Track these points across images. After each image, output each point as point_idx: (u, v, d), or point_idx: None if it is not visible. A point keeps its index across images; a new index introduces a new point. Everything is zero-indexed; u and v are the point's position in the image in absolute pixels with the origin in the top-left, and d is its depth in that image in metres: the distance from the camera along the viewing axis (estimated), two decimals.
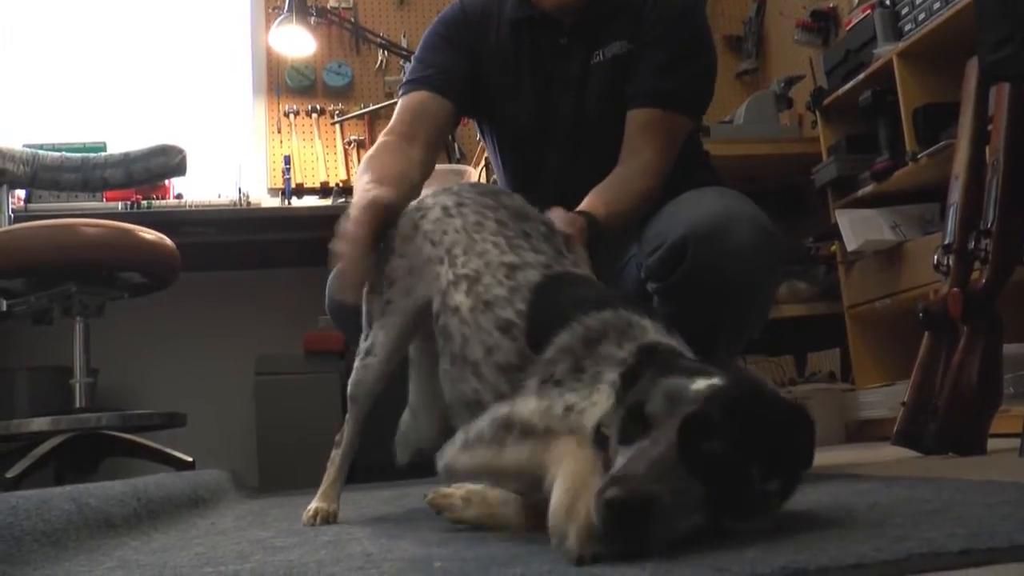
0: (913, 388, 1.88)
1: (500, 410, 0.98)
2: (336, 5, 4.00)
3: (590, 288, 1.15)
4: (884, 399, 2.71)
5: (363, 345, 1.36)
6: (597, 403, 0.94)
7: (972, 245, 1.78)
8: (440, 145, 1.77)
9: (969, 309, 1.76)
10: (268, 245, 3.48)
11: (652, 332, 1.01)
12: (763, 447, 0.78)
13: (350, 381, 1.38)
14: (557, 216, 1.36)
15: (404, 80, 1.75)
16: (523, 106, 1.69)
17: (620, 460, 0.78)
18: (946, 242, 1.85)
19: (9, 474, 2.37)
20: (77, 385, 2.62)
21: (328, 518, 1.35)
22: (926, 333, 1.88)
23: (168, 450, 2.72)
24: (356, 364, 1.36)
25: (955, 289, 1.78)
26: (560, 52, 1.68)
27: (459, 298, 1.17)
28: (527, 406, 0.97)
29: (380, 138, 1.67)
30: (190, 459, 2.71)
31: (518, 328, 1.10)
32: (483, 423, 0.97)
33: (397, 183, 1.45)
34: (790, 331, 3.00)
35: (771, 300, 1.51)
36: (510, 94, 1.70)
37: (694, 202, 1.42)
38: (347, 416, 1.41)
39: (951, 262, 1.82)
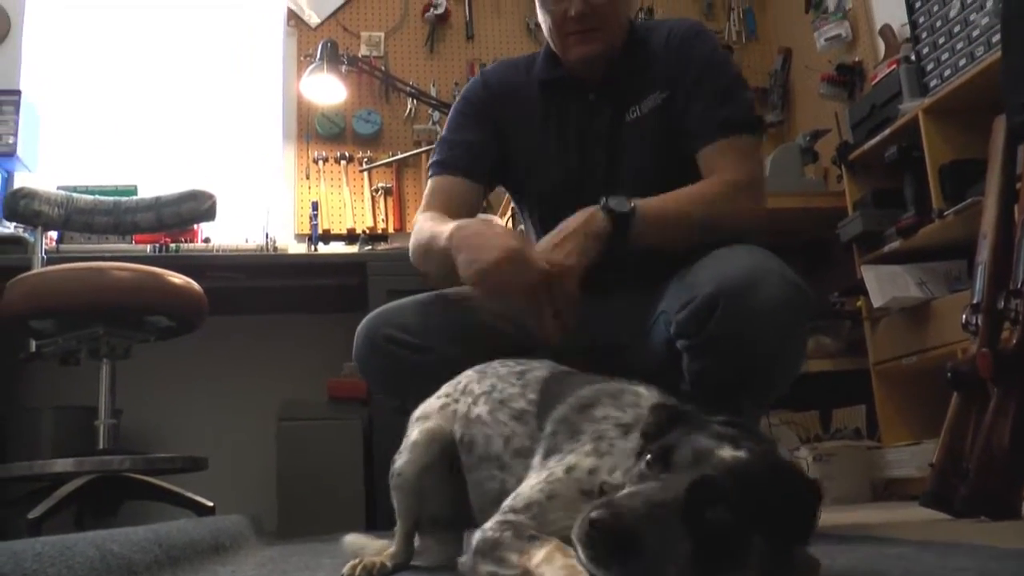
0: (942, 449, 1.85)
1: (503, 509, 1.00)
2: (367, 53, 4.07)
3: (592, 376, 1.21)
4: (911, 458, 2.66)
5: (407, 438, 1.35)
6: (604, 463, 0.96)
7: (1001, 305, 1.77)
8: None
9: (1000, 370, 1.73)
10: (294, 290, 3.50)
11: (647, 397, 1.06)
12: (767, 523, 0.79)
13: (391, 472, 1.34)
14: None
15: (433, 159, 1.79)
16: (554, 167, 1.71)
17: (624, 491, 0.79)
18: (974, 301, 1.83)
19: (31, 515, 2.37)
20: (101, 426, 2.63)
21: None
22: (955, 393, 1.86)
23: (189, 494, 2.72)
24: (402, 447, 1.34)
25: (984, 349, 1.76)
26: (588, 110, 1.70)
27: (479, 409, 1.24)
28: (529, 483, 1.01)
29: (423, 213, 1.71)
30: (210, 504, 2.71)
31: (529, 413, 1.17)
32: (484, 530, 0.98)
33: None
34: (815, 386, 2.96)
35: (801, 357, 1.48)
36: (540, 156, 1.72)
37: (724, 259, 1.42)
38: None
39: (980, 321, 1.81)
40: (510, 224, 3.19)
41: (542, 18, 1.71)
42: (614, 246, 1.46)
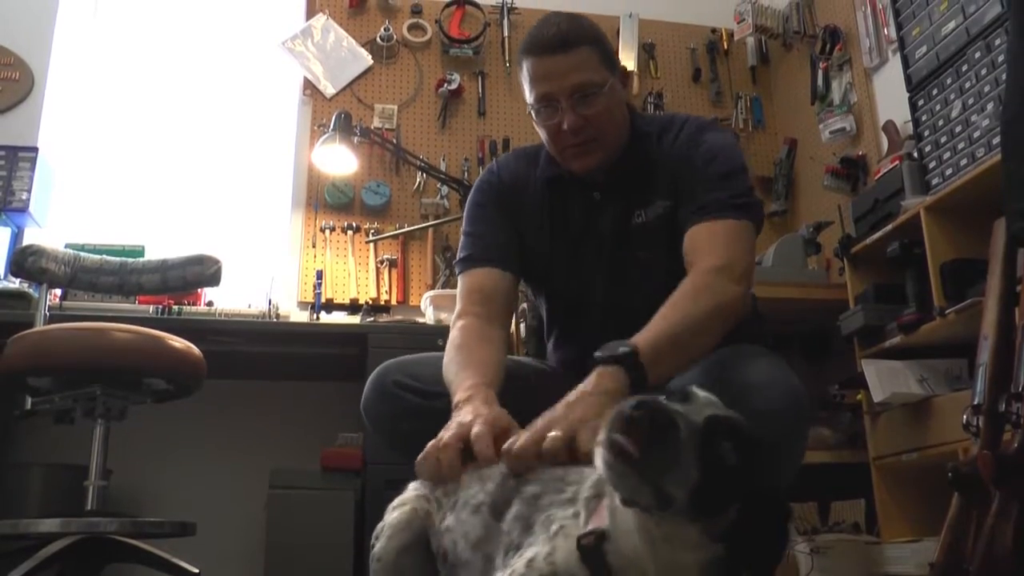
0: (943, 549, 1.82)
1: None
2: (380, 125, 4.13)
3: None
4: (911, 555, 2.62)
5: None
6: (558, 548, 0.98)
7: (1003, 407, 1.76)
8: (511, 317, 1.76)
9: (1001, 473, 1.71)
10: (293, 358, 3.49)
11: (589, 472, 1.05)
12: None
13: (370, 557, 1.31)
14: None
15: (461, 256, 1.74)
16: (562, 263, 1.72)
17: None
18: (975, 402, 1.83)
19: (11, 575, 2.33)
20: (91, 487, 2.59)
21: None
22: (956, 493, 1.84)
23: (175, 560, 2.67)
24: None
25: (985, 452, 1.75)
26: (594, 208, 1.70)
27: (449, 520, 1.22)
28: None
29: (459, 320, 1.63)
30: (196, 570, 2.66)
31: (485, 505, 1.16)
32: None
33: (497, 380, 1.46)
34: (814, 477, 2.91)
35: (798, 461, 1.43)
36: (550, 252, 1.73)
37: (727, 358, 1.41)
38: None
39: (981, 423, 1.79)
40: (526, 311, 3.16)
41: (539, 130, 1.71)
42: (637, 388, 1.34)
